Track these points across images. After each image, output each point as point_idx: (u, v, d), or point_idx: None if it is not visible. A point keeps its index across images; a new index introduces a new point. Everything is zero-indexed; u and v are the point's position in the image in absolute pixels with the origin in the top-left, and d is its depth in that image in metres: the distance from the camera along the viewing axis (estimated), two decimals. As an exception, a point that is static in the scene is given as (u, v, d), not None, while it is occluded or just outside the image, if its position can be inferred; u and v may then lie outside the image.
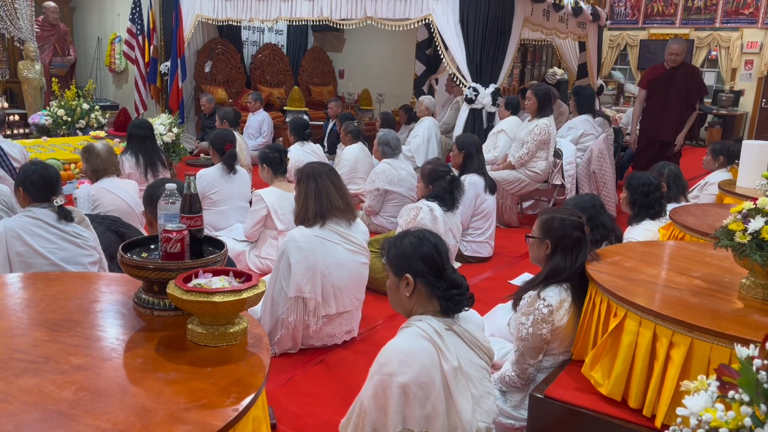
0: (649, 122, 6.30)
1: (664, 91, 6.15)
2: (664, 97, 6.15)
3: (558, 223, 2.38)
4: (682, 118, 6.14)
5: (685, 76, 6.11)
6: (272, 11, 7.50)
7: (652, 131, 6.28)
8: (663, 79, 6.18)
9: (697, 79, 6.20)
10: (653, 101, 6.25)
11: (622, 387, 2.03)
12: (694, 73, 6.21)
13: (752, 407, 0.79)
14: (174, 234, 1.70)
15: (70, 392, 1.33)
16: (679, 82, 6.08)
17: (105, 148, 3.91)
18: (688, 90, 6.09)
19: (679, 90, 6.08)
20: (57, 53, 8.64)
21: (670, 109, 6.11)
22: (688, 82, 6.09)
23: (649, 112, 6.31)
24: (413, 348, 1.83)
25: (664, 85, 6.16)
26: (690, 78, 6.12)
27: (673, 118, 6.12)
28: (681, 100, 6.09)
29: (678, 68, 6.13)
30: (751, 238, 1.94)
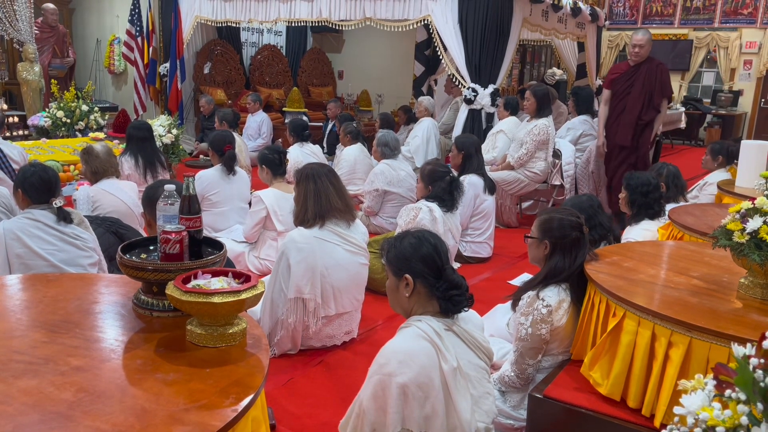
0: (608, 125, 5.62)
1: (626, 91, 5.46)
2: (625, 98, 5.47)
3: (557, 223, 2.39)
4: (642, 120, 5.42)
5: (649, 74, 5.39)
6: (271, 12, 7.51)
7: (611, 135, 5.60)
8: (626, 77, 5.50)
9: (663, 77, 5.40)
10: (613, 102, 5.58)
11: (621, 387, 2.03)
12: (659, 70, 5.40)
13: (749, 406, 0.79)
14: (173, 235, 1.70)
15: (70, 393, 1.33)
16: (642, 81, 5.38)
17: (104, 149, 3.91)
18: (651, 89, 5.37)
19: (641, 89, 5.37)
20: (56, 55, 8.65)
21: (628, 110, 5.45)
22: (652, 80, 5.38)
23: (609, 115, 5.62)
24: (412, 348, 1.83)
25: (626, 83, 5.48)
26: (654, 76, 5.38)
27: (630, 120, 5.43)
28: (642, 101, 5.39)
29: (642, 64, 5.42)
30: (750, 237, 1.94)
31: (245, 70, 10.21)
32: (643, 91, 5.36)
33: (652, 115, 5.44)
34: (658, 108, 5.42)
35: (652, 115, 5.43)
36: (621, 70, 5.58)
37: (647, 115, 5.41)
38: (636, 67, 5.44)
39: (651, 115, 5.43)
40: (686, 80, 12.72)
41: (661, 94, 5.39)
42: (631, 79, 5.45)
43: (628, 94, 5.44)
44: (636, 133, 5.45)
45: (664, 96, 5.41)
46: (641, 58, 5.37)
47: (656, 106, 5.40)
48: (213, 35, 9.53)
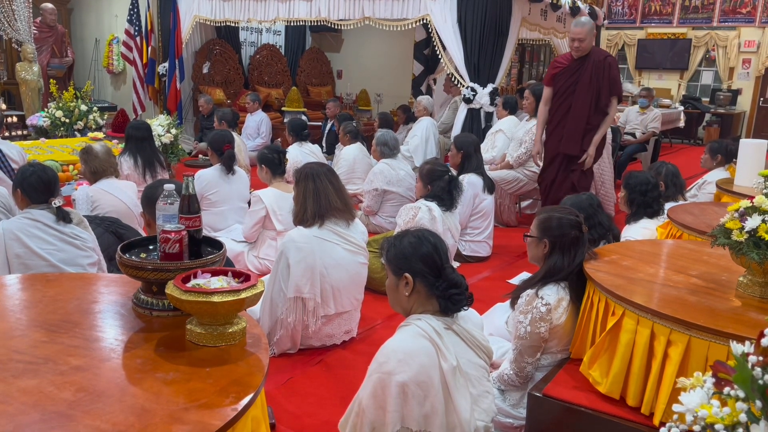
0: (550, 130, 4.79)
1: (570, 89, 4.64)
2: (569, 98, 4.64)
3: (556, 222, 2.39)
4: (590, 125, 4.60)
5: (597, 69, 4.55)
6: (270, 12, 7.51)
7: (553, 141, 4.76)
8: (568, 73, 4.64)
9: (612, 73, 4.58)
10: (555, 103, 4.73)
11: (621, 385, 2.04)
12: (608, 65, 4.57)
13: (748, 403, 0.80)
14: (172, 234, 1.70)
15: (69, 393, 1.33)
16: (589, 77, 4.55)
17: (103, 149, 3.91)
18: (598, 88, 4.55)
19: (588, 88, 4.55)
20: (55, 55, 8.64)
21: (573, 112, 4.62)
22: (600, 76, 4.55)
23: (551, 118, 4.78)
24: (412, 347, 1.83)
25: (569, 81, 4.63)
26: (602, 71, 4.55)
27: (576, 125, 4.61)
28: (589, 101, 4.57)
29: (587, 58, 4.58)
30: (748, 236, 1.94)
31: (244, 70, 10.21)
32: (591, 89, 4.55)
33: (599, 119, 4.63)
34: (605, 110, 4.61)
35: (598, 119, 4.62)
36: (563, 63, 4.71)
37: (596, 119, 4.62)
38: (581, 60, 4.60)
39: (598, 119, 4.62)
40: (685, 79, 12.73)
41: (609, 93, 4.58)
42: (575, 74, 4.61)
43: (572, 93, 4.61)
44: (585, 141, 4.66)
45: (613, 95, 4.60)
46: (584, 51, 4.57)
47: (604, 107, 4.60)
48: (212, 35, 9.53)
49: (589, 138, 4.62)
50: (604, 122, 4.63)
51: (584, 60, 4.58)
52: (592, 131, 4.62)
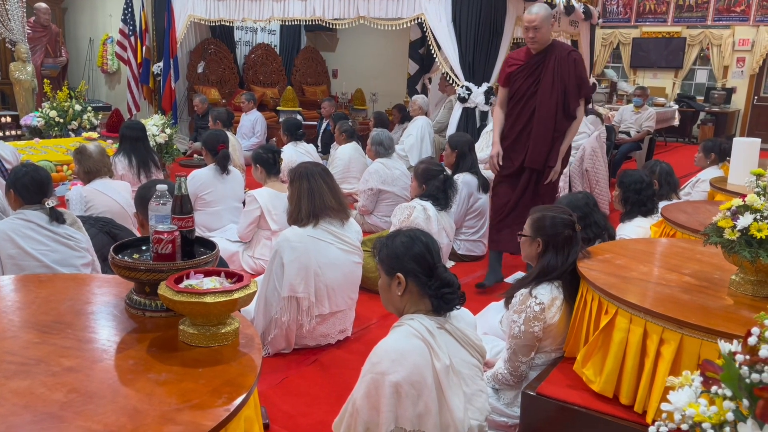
0: (511, 139, 3.99)
1: (530, 91, 3.89)
2: (531, 101, 3.88)
3: (549, 221, 2.40)
4: (557, 132, 3.88)
5: (560, 67, 3.82)
6: (265, 11, 7.50)
7: (517, 153, 3.97)
8: (527, 71, 3.88)
9: (578, 70, 3.85)
10: (514, 107, 3.95)
11: (614, 384, 2.04)
12: (573, 61, 3.84)
13: (735, 402, 0.80)
14: (165, 235, 1.70)
15: (61, 394, 1.33)
16: (552, 75, 3.82)
17: (97, 149, 3.90)
18: (564, 88, 3.82)
19: (552, 88, 3.82)
20: (49, 54, 8.61)
21: (538, 118, 3.86)
22: (564, 75, 3.82)
23: (510, 125, 4.00)
24: (405, 347, 1.84)
25: (528, 80, 3.88)
26: (567, 69, 3.82)
27: (543, 133, 3.86)
28: (555, 105, 3.82)
29: (548, 54, 3.84)
30: (740, 234, 1.95)
31: (239, 69, 10.20)
32: (555, 90, 3.82)
33: (566, 124, 3.92)
34: (573, 113, 3.89)
35: (566, 124, 3.92)
36: (520, 60, 3.93)
37: (564, 125, 3.91)
38: (541, 56, 3.85)
39: (565, 124, 3.92)
40: (679, 78, 12.76)
41: (577, 95, 3.86)
42: (535, 73, 3.87)
43: (534, 95, 3.87)
44: (553, 151, 3.92)
45: (582, 96, 3.91)
46: (541, 44, 3.81)
47: (572, 111, 3.87)
48: (206, 34, 9.51)
49: (555, 150, 3.92)
50: (571, 129, 3.94)
51: (545, 56, 3.84)
52: (560, 140, 3.92)
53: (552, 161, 3.94)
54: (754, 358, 0.81)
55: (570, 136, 3.98)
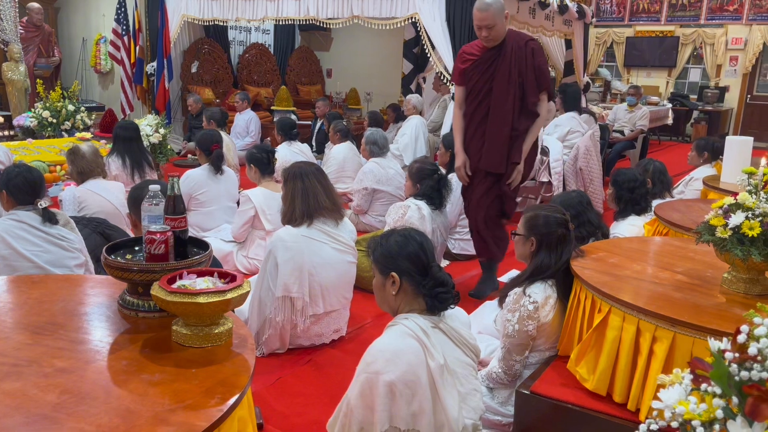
0: (467, 140, 3.70)
1: (486, 88, 3.56)
2: (487, 98, 3.56)
3: (542, 220, 2.40)
4: (516, 131, 3.56)
5: (518, 58, 3.50)
6: (258, 11, 7.49)
7: (473, 155, 3.67)
8: (482, 66, 3.56)
9: (537, 61, 3.53)
10: (470, 106, 3.65)
11: (607, 382, 2.05)
12: (531, 52, 3.52)
13: (725, 400, 0.80)
14: (158, 235, 1.70)
15: (54, 395, 1.32)
16: (508, 68, 3.49)
17: (90, 149, 3.89)
18: (521, 82, 3.50)
19: (508, 82, 3.49)
20: (41, 54, 8.58)
21: (494, 117, 3.55)
22: (522, 68, 3.50)
23: (467, 125, 3.69)
24: (399, 346, 1.84)
25: (484, 76, 3.56)
26: (524, 61, 3.50)
27: (499, 133, 3.54)
28: (511, 101, 3.50)
29: (504, 44, 3.51)
30: (732, 233, 1.95)
31: (233, 69, 10.18)
32: (512, 84, 3.49)
33: (527, 123, 3.58)
34: (534, 110, 3.57)
35: (527, 123, 3.58)
36: (474, 54, 3.60)
37: (524, 123, 3.57)
38: (496, 49, 3.52)
39: (526, 123, 3.58)
40: (673, 77, 12.81)
41: (536, 88, 3.53)
42: (491, 67, 3.52)
43: (489, 92, 3.54)
44: (512, 153, 3.59)
45: (541, 90, 3.56)
46: (495, 40, 3.49)
47: (532, 107, 3.55)
48: (200, 34, 9.49)
49: (517, 149, 3.55)
50: (534, 127, 3.59)
51: (500, 48, 3.50)
52: (520, 139, 3.56)
53: (515, 157, 3.58)
54: (744, 356, 0.81)
55: (532, 135, 3.62)
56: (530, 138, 3.62)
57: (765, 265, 1.96)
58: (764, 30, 11.65)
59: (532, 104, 3.56)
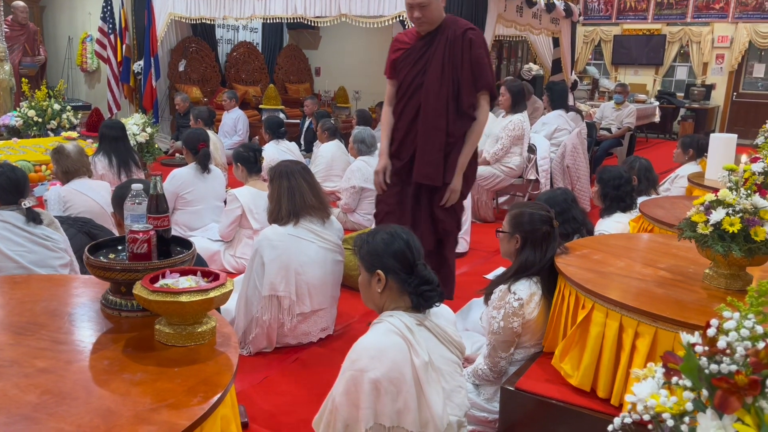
0: (396, 144, 3.14)
1: (416, 83, 3.03)
2: (417, 95, 3.02)
3: (527, 217, 2.42)
4: (452, 137, 3.00)
5: (451, 50, 2.96)
6: (246, 9, 7.46)
7: (402, 161, 3.12)
8: (414, 57, 3.04)
9: (475, 54, 2.95)
10: (399, 103, 3.12)
11: (591, 377, 2.06)
12: (468, 43, 2.95)
13: (695, 392, 0.82)
14: (140, 234, 1.69)
15: (34, 395, 1.32)
16: (440, 63, 2.96)
17: (75, 149, 3.86)
18: (456, 78, 2.96)
19: (441, 78, 2.96)
20: (27, 53, 8.50)
21: (425, 119, 3.01)
22: (457, 61, 2.95)
23: (396, 126, 3.14)
24: (384, 343, 1.84)
25: (414, 69, 3.03)
26: (460, 53, 2.95)
27: (432, 138, 2.99)
28: (444, 100, 2.96)
29: (439, 32, 2.99)
30: (713, 229, 1.98)
31: (221, 68, 10.14)
32: (445, 79, 2.96)
33: (464, 126, 3.01)
34: (469, 111, 3.00)
35: (462, 126, 3.01)
36: (406, 43, 3.09)
37: (460, 127, 3.01)
38: (429, 37, 3.00)
39: (461, 126, 3.01)
40: (660, 75, 12.89)
41: (472, 86, 2.97)
42: (423, 58, 3.00)
43: (419, 87, 3.01)
44: (449, 163, 3.03)
45: (480, 88, 2.98)
46: (431, 23, 2.97)
47: (466, 108, 2.98)
48: (187, 32, 9.44)
49: (453, 163, 3.02)
50: (471, 133, 3.01)
51: (434, 36, 2.98)
52: (457, 147, 3.01)
53: (448, 177, 3.00)
54: (713, 349, 0.83)
55: (470, 145, 3.02)
56: (468, 148, 3.03)
57: (745, 261, 1.98)
58: (750, 28, 11.75)
59: (468, 106, 2.98)
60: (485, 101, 3.04)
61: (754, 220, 1.93)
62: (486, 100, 3.04)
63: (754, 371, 0.79)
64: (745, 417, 0.77)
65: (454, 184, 3.05)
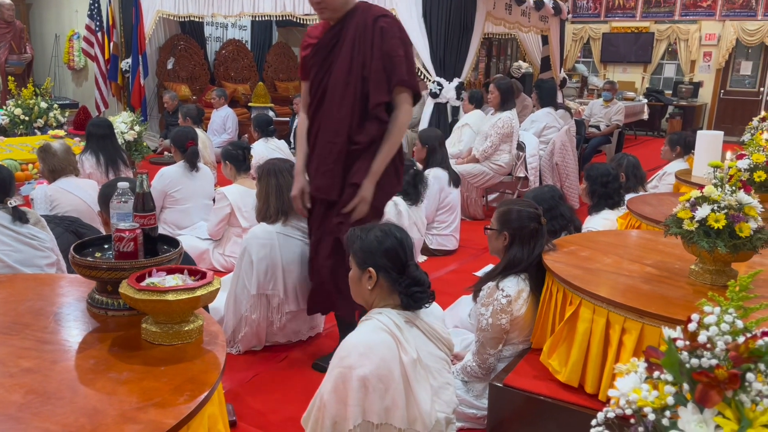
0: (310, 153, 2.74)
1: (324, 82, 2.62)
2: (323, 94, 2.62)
3: (515, 214, 2.42)
4: (356, 144, 2.56)
5: (361, 41, 2.53)
6: (235, 6, 7.43)
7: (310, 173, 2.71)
8: (323, 52, 2.62)
9: (387, 43, 2.50)
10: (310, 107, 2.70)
11: (579, 373, 2.08)
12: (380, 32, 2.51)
13: (676, 387, 0.82)
14: (127, 233, 1.68)
15: (19, 395, 1.31)
16: (349, 55, 2.54)
17: (62, 147, 3.84)
18: (364, 73, 2.53)
19: (348, 73, 2.54)
20: (13, 51, 8.42)
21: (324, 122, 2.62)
22: (366, 52, 2.52)
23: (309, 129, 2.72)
24: (373, 341, 1.84)
25: (323, 66, 2.62)
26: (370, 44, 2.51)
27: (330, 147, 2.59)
28: (350, 100, 2.54)
29: (346, 22, 2.56)
30: (699, 225, 1.99)
31: (210, 66, 10.10)
32: (352, 77, 2.53)
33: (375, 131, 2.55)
34: (380, 114, 2.55)
35: (374, 131, 2.55)
36: (315, 36, 2.66)
37: (365, 133, 2.55)
38: (337, 28, 2.58)
39: (374, 131, 2.55)
40: (648, 72, 12.96)
41: (384, 83, 2.51)
42: (331, 54, 2.59)
43: (326, 87, 2.61)
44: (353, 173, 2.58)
45: (394, 84, 2.52)
46: (333, 10, 2.55)
47: (375, 109, 2.53)
48: (176, 30, 9.39)
49: (360, 168, 2.56)
50: (389, 136, 2.55)
51: (342, 28, 2.56)
52: (364, 156, 2.56)
53: (357, 177, 2.55)
54: (694, 344, 0.83)
55: (387, 150, 2.54)
56: (384, 154, 2.55)
57: (730, 257, 1.99)
58: (737, 26, 11.83)
59: (376, 106, 2.51)
60: (404, 100, 2.54)
61: (738, 216, 1.95)
62: (405, 98, 2.55)
63: (734, 365, 0.80)
64: (726, 411, 0.78)
65: (363, 191, 2.54)
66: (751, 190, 2.05)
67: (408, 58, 2.55)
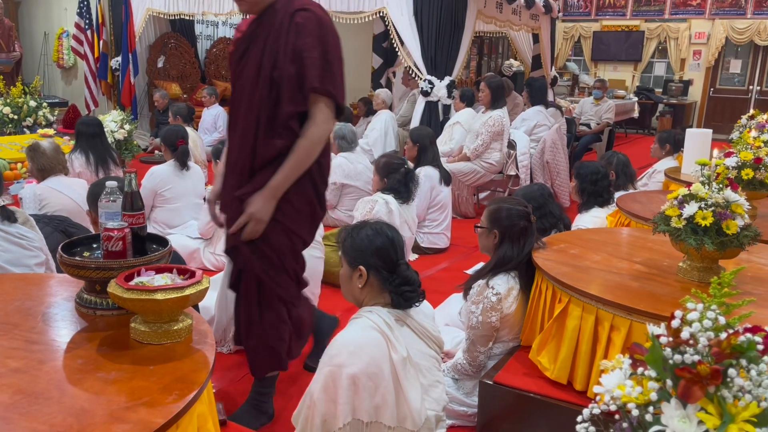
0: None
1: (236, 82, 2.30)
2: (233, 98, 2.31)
3: (505, 213, 2.43)
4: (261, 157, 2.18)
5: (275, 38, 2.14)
6: (225, 4, 7.41)
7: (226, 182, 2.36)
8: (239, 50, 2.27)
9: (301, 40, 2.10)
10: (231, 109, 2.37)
11: (568, 370, 2.09)
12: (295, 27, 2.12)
13: (659, 383, 0.83)
14: (115, 232, 1.67)
15: (6, 396, 1.30)
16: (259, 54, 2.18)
17: (51, 146, 3.81)
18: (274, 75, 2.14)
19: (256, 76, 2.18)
20: (2, 49, 8.38)
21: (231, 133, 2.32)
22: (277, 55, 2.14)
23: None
24: (363, 339, 1.85)
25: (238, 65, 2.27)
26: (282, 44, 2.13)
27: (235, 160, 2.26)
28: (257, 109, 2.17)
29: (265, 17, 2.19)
30: (686, 222, 2.01)
31: (200, 64, 10.06)
32: (261, 80, 2.18)
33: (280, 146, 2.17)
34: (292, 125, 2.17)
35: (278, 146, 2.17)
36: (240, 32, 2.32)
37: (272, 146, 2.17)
38: (256, 23, 2.25)
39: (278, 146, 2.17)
40: (639, 70, 13.02)
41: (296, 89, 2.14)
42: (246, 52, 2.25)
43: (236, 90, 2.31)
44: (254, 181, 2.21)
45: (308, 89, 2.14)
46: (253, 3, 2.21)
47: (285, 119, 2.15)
48: (166, 28, 9.35)
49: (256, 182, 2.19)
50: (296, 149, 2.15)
51: (260, 23, 2.22)
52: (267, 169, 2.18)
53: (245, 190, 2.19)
54: (677, 340, 0.84)
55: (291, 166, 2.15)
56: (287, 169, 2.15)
57: (717, 254, 2.01)
58: (726, 24, 11.91)
59: (287, 115, 2.14)
60: (318, 110, 2.15)
61: (725, 213, 1.97)
62: (320, 108, 2.15)
63: (716, 361, 0.81)
64: (708, 406, 0.79)
65: (252, 207, 2.15)
66: (738, 187, 2.06)
67: (325, 60, 2.14)
